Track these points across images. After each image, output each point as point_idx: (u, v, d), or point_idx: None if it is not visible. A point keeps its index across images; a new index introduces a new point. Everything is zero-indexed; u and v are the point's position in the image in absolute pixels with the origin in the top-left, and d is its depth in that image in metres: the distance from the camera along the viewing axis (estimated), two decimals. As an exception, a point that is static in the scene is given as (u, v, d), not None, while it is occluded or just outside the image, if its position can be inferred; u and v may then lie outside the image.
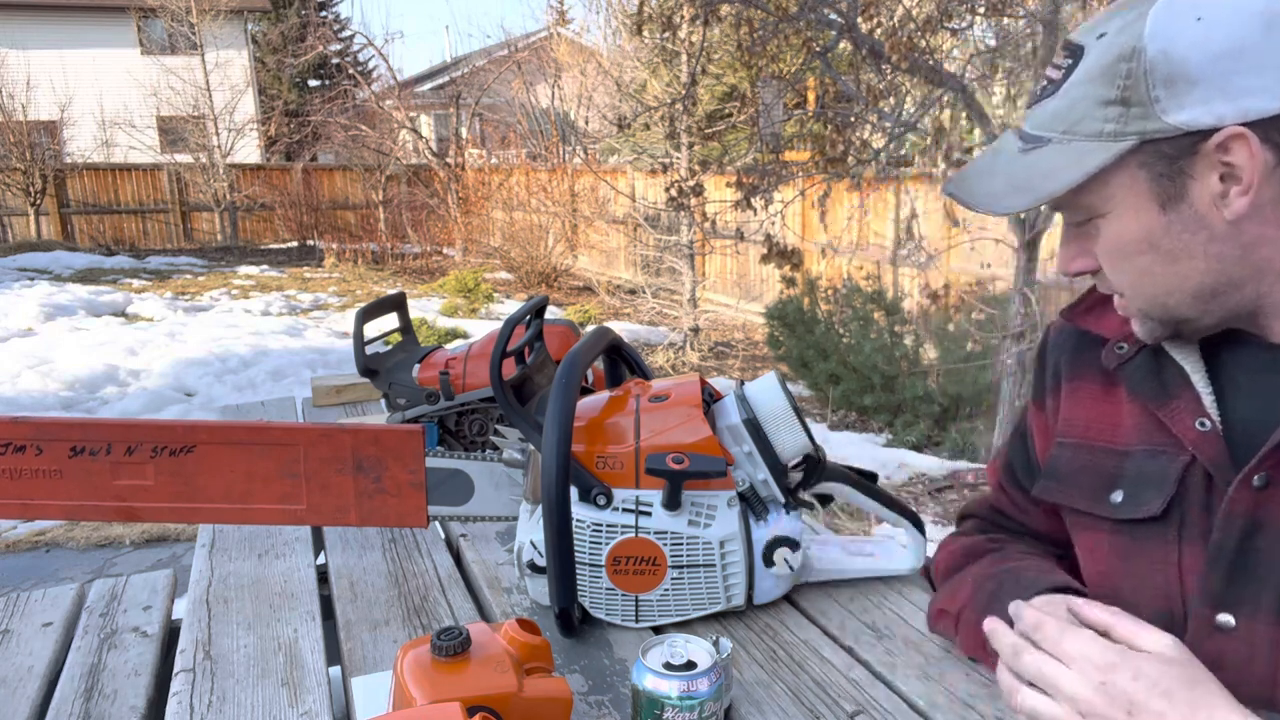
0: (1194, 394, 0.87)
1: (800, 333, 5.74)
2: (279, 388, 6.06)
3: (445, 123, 17.52)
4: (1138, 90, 0.74)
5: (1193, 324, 0.84)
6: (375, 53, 16.46)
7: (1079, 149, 0.78)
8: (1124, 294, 0.85)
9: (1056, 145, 0.79)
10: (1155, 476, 0.87)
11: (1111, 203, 0.79)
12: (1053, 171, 0.78)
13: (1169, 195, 0.77)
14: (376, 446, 1.24)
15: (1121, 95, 0.75)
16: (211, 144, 15.81)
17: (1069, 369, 0.99)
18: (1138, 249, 0.80)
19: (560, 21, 14.12)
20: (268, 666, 1.04)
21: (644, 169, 10.29)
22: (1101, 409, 0.95)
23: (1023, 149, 0.82)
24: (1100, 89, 0.76)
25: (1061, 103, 0.79)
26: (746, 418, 1.07)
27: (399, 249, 14.01)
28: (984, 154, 0.87)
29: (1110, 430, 0.94)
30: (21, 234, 14.55)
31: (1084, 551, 0.96)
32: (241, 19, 18.87)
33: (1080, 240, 0.85)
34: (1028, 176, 0.80)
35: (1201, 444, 0.85)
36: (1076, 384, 0.98)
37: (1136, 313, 0.85)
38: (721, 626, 1.09)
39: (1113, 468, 0.91)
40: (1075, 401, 0.98)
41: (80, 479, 1.21)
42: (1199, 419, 0.85)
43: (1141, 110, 0.74)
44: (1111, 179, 0.78)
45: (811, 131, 5.28)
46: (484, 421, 1.62)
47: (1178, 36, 0.73)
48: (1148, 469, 0.88)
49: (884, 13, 4.02)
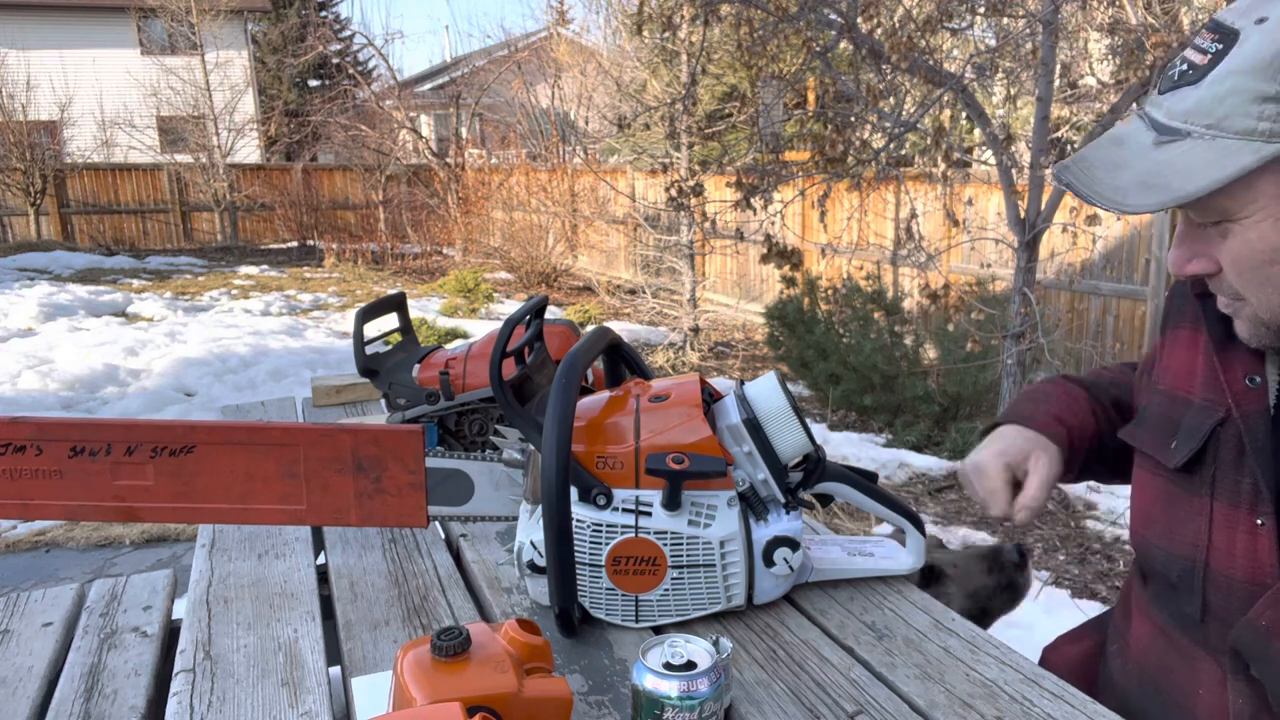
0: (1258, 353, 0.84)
1: (800, 333, 5.74)
2: (279, 388, 6.06)
3: (445, 123, 17.53)
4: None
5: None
6: (375, 53, 16.46)
7: (1224, 147, 0.71)
8: (1245, 299, 0.80)
9: (1197, 140, 0.72)
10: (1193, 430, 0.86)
11: (1251, 207, 0.73)
12: (1191, 171, 0.72)
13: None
14: (376, 446, 1.24)
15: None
16: (211, 144, 15.81)
17: (1175, 316, 0.97)
18: (1272, 258, 0.75)
19: (560, 21, 14.13)
20: (268, 666, 1.04)
21: (644, 169, 10.29)
22: (1186, 356, 0.94)
23: (1157, 141, 0.74)
24: (1259, 82, 0.69)
25: (1208, 93, 0.72)
26: (746, 418, 1.07)
27: (399, 249, 14.01)
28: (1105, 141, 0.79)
29: (1187, 379, 0.92)
30: (21, 234, 14.55)
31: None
32: (241, 19, 18.87)
33: (1200, 241, 0.79)
34: (1161, 173, 0.73)
35: (1244, 397, 0.83)
36: (1176, 330, 0.96)
37: (1250, 317, 0.81)
38: (721, 626, 1.09)
39: (1179, 416, 0.90)
40: (1172, 349, 0.96)
41: (80, 479, 1.21)
42: (1250, 375, 0.84)
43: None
44: (1257, 182, 0.72)
45: (811, 131, 5.29)
46: (484, 421, 1.62)
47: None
48: (1193, 422, 0.88)
49: (884, 13, 4.02)
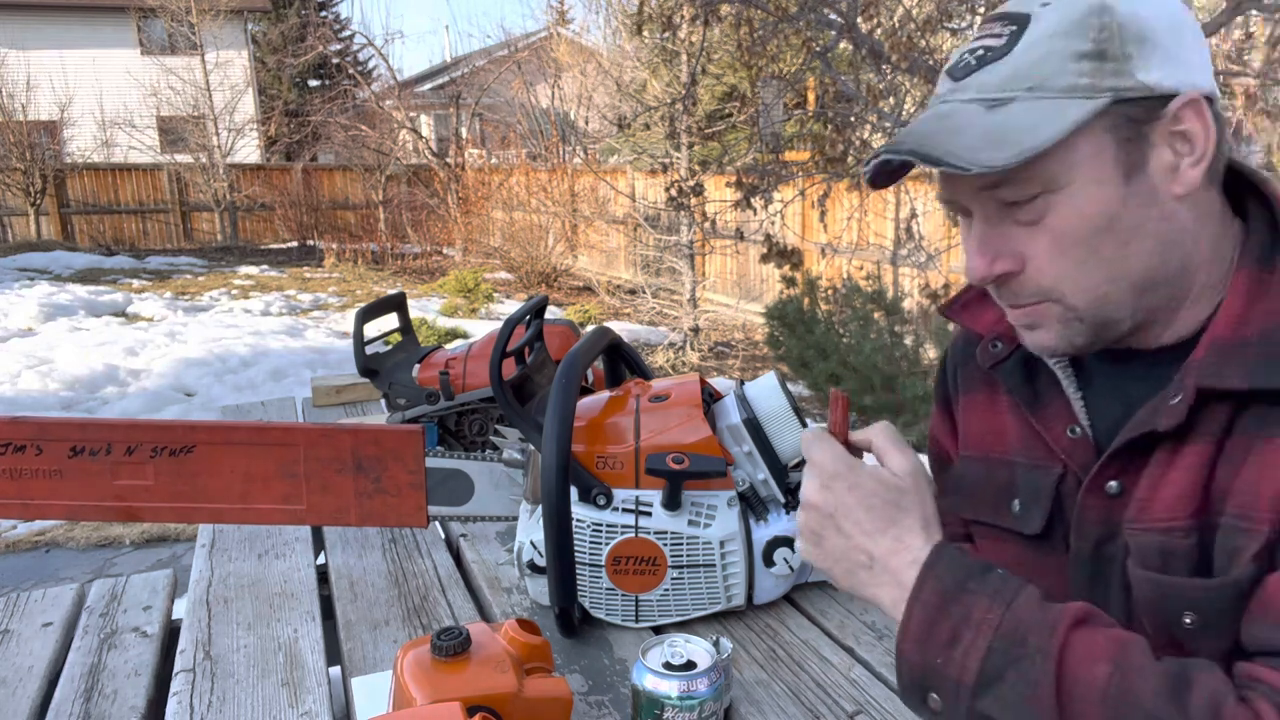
0: (1065, 399, 0.85)
1: (800, 333, 5.74)
2: (279, 388, 6.06)
3: (445, 123, 17.52)
4: (1112, 44, 0.71)
5: (1115, 327, 0.79)
6: (375, 53, 16.46)
7: (1052, 105, 0.72)
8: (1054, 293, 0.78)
9: (1024, 103, 0.73)
10: (1036, 491, 0.87)
11: (1074, 171, 0.74)
12: (1030, 126, 0.72)
13: (1133, 163, 0.73)
14: (376, 446, 1.24)
15: (1097, 49, 0.71)
16: (211, 144, 15.80)
17: (963, 382, 0.97)
18: (1095, 226, 0.74)
19: (560, 21, 14.13)
20: (268, 666, 1.04)
21: (644, 169, 10.29)
22: (987, 418, 0.94)
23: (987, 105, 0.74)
24: (1073, 42, 0.72)
25: (1023, 60, 0.73)
26: (746, 418, 1.07)
27: (399, 249, 14.00)
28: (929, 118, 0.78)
29: (998, 439, 0.92)
30: (21, 234, 14.55)
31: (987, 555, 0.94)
32: (241, 19, 18.87)
33: (1002, 238, 0.78)
34: (1004, 132, 0.72)
35: (1073, 451, 0.83)
36: (970, 396, 0.96)
37: (1060, 315, 0.79)
38: (721, 626, 1.09)
39: (1006, 478, 0.90)
40: (969, 415, 0.96)
41: (80, 479, 1.21)
42: (1070, 426, 0.84)
43: (1115, 65, 0.71)
44: (1078, 143, 0.72)
45: (811, 131, 5.29)
46: (484, 421, 1.62)
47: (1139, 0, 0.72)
48: (1031, 483, 0.87)
49: (884, 13, 4.02)
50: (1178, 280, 0.77)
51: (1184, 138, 0.73)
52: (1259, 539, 0.69)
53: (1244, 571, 0.69)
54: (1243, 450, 0.71)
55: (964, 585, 0.72)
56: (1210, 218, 0.77)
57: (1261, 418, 0.71)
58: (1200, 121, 0.72)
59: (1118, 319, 0.79)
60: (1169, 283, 0.77)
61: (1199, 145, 0.73)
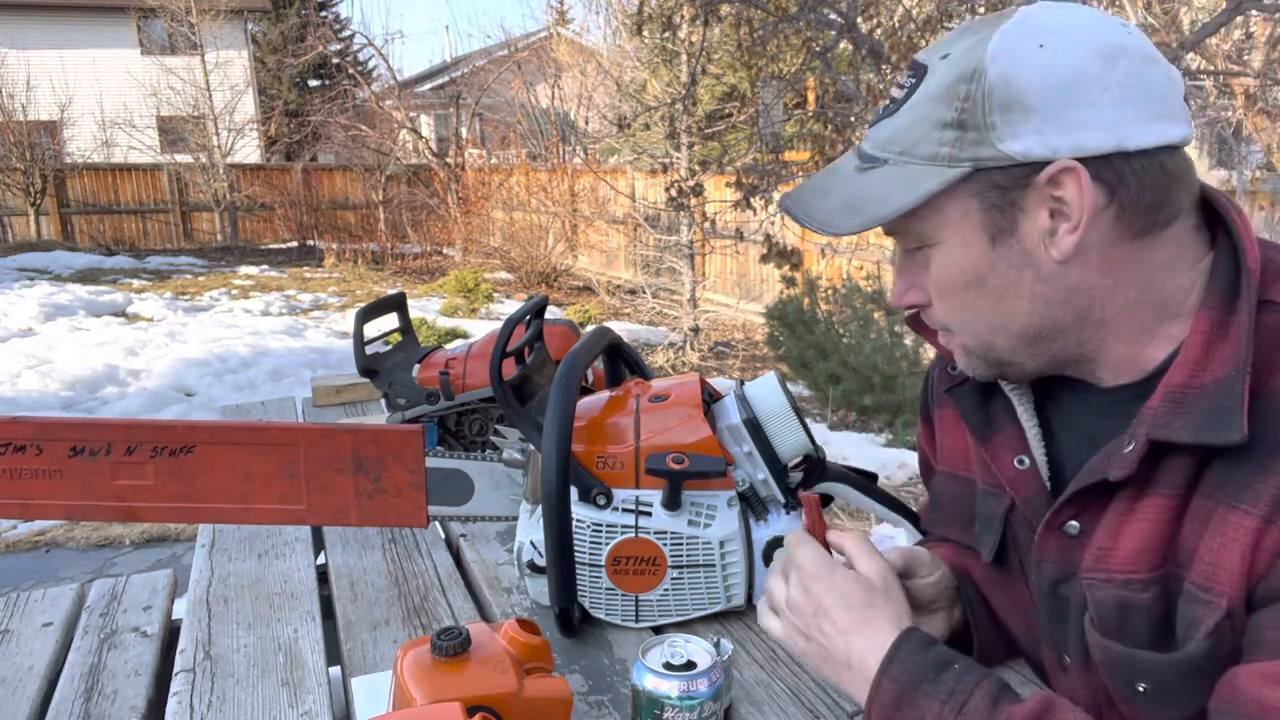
0: (1017, 429, 0.85)
1: (800, 333, 5.74)
2: (279, 388, 6.06)
3: (445, 123, 17.53)
4: (975, 114, 0.70)
5: (1018, 367, 0.81)
6: (375, 53, 16.46)
7: (913, 172, 0.73)
8: (951, 329, 0.81)
9: (892, 167, 0.75)
10: (990, 519, 0.87)
11: (943, 232, 0.75)
12: (886, 195, 0.74)
13: (999, 228, 0.73)
14: (376, 446, 1.24)
15: (959, 118, 0.71)
16: (211, 144, 15.80)
17: (935, 395, 0.98)
18: (965, 283, 0.76)
19: (560, 21, 14.14)
20: (268, 666, 1.04)
21: (644, 169, 10.29)
22: (956, 435, 0.94)
23: (859, 168, 0.77)
24: (939, 109, 0.72)
25: (901, 122, 0.75)
26: (746, 418, 1.07)
27: (399, 249, 14.00)
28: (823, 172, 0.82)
29: (964, 459, 0.93)
30: (21, 234, 14.55)
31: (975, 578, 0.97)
32: (241, 19, 18.87)
33: (913, 272, 0.81)
34: (861, 198, 0.76)
35: (1018, 483, 0.83)
36: (942, 410, 0.97)
37: (961, 349, 0.82)
38: (721, 626, 1.09)
39: (968, 499, 0.91)
40: (942, 429, 0.97)
41: (80, 479, 1.21)
42: (1018, 456, 0.84)
43: (977, 135, 0.70)
44: (945, 206, 0.74)
45: (811, 131, 5.28)
46: (484, 421, 1.62)
47: (1019, 61, 0.69)
48: (985, 508, 0.88)
49: (884, 13, 4.02)
50: (1082, 329, 0.76)
51: (1062, 203, 0.71)
52: (1217, 613, 0.68)
53: (1199, 646, 0.69)
54: (1205, 513, 0.70)
55: (919, 687, 0.74)
56: (1138, 267, 0.74)
57: (1225, 477, 0.69)
58: (1076, 188, 0.70)
59: (1014, 361, 0.80)
60: (1068, 332, 0.77)
61: (1074, 213, 0.71)
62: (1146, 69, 0.71)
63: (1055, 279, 0.74)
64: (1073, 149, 0.69)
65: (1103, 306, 0.75)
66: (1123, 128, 0.69)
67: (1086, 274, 0.73)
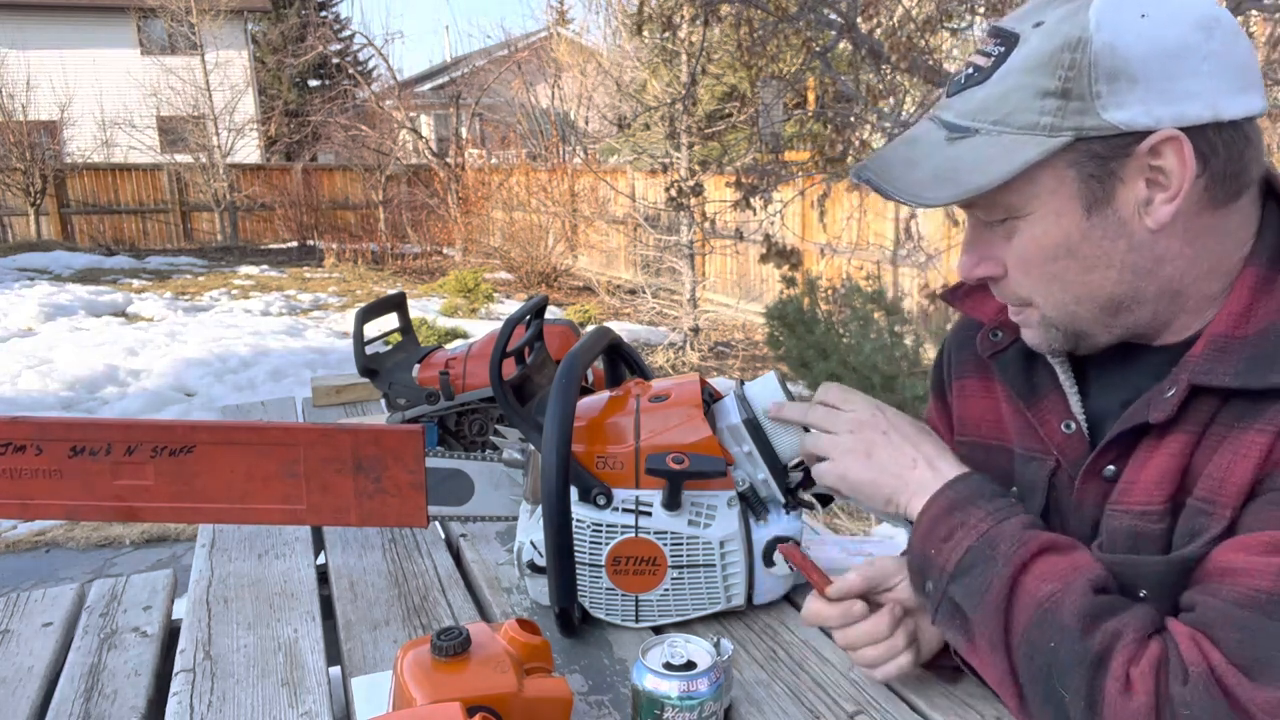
0: (1061, 394, 0.87)
1: (800, 333, 5.73)
2: (279, 388, 6.06)
3: (445, 123, 17.53)
4: (1080, 83, 0.70)
5: (1092, 339, 0.82)
6: (375, 53, 16.46)
7: (1010, 141, 0.73)
8: (1031, 301, 0.82)
9: (985, 136, 0.74)
10: (1031, 483, 0.89)
11: (1035, 202, 0.75)
12: (981, 164, 0.74)
13: (1096, 198, 0.74)
14: (376, 446, 1.24)
15: (1063, 87, 0.71)
16: (211, 144, 15.80)
17: (957, 367, 1.00)
18: (1056, 253, 0.77)
19: (560, 21, 14.14)
20: (268, 666, 1.04)
21: (644, 169, 10.28)
22: (985, 405, 0.96)
23: (949, 138, 0.76)
24: (1040, 79, 0.72)
25: (993, 91, 0.74)
26: (746, 418, 1.07)
27: (399, 249, 14.00)
28: (900, 141, 0.81)
29: (996, 426, 0.94)
30: (21, 234, 14.55)
31: None
32: (241, 19, 18.87)
33: (987, 244, 0.81)
34: (954, 168, 0.75)
35: (1066, 447, 0.85)
36: (963, 381, 0.98)
37: (1040, 321, 0.82)
38: (721, 626, 1.09)
39: (1006, 464, 0.92)
40: (964, 400, 0.98)
41: (80, 479, 1.21)
42: (1065, 421, 0.86)
43: (1081, 104, 0.71)
44: (1039, 176, 0.74)
45: (811, 131, 5.28)
46: (484, 421, 1.62)
47: (1124, 30, 0.70)
48: (1026, 473, 0.90)
49: (884, 13, 4.02)
50: (1160, 300, 0.78)
51: (1161, 173, 0.72)
52: (1220, 524, 0.72)
53: (1197, 551, 0.73)
54: (1218, 440, 0.73)
55: (973, 501, 0.82)
56: (1215, 236, 0.76)
57: (1242, 410, 0.73)
58: (1178, 158, 0.71)
59: (1092, 333, 0.81)
60: (1148, 303, 0.78)
61: (1174, 182, 0.72)
62: (1237, 40, 0.72)
63: (1146, 248, 0.75)
64: (1175, 119, 0.70)
65: (1182, 276, 0.77)
66: (1219, 98, 0.71)
67: (1173, 243, 0.75)
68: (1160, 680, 0.68)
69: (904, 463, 0.88)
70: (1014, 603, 0.76)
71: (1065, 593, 0.74)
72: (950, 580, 0.81)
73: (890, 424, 0.91)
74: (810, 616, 0.92)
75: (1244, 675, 0.66)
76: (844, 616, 0.90)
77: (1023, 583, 0.76)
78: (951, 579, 0.81)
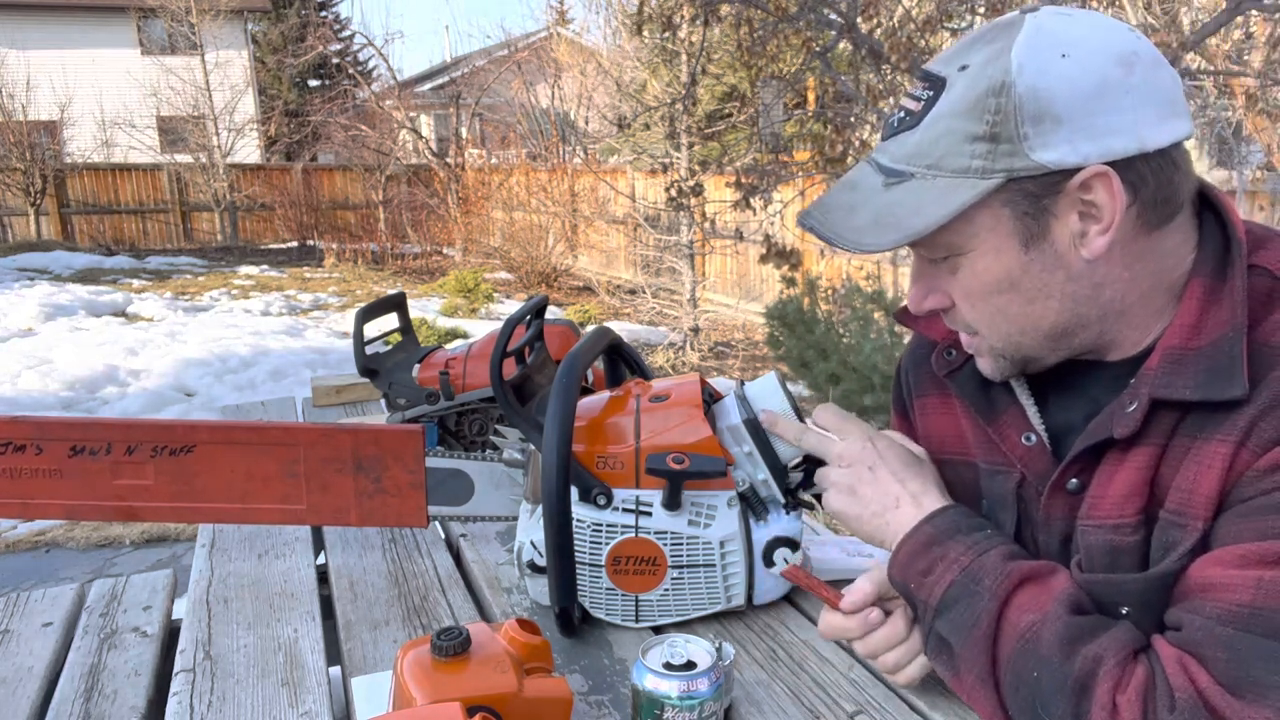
0: (1019, 408, 0.88)
1: (800, 333, 5.73)
2: (279, 388, 6.06)
3: (445, 123, 17.53)
4: (1006, 126, 0.72)
5: (1040, 362, 0.84)
6: (375, 53, 16.46)
7: (945, 185, 0.75)
8: (978, 332, 0.84)
9: (920, 180, 0.76)
10: (1001, 497, 0.90)
11: (974, 240, 0.77)
12: (918, 208, 0.75)
13: (1031, 234, 0.76)
14: (376, 446, 1.24)
15: (990, 131, 0.72)
16: (211, 144, 15.80)
17: (916, 385, 1.01)
18: (997, 288, 0.79)
19: (560, 21, 14.15)
20: (268, 666, 1.04)
21: (644, 169, 10.28)
22: (946, 421, 0.97)
23: (886, 183, 0.78)
24: (968, 124, 0.73)
25: (925, 136, 0.76)
26: (747, 418, 1.07)
27: (399, 249, 14.00)
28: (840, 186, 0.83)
29: (959, 441, 0.95)
30: (21, 234, 14.54)
31: None
32: (241, 19, 18.87)
33: (933, 278, 0.83)
34: (892, 213, 0.77)
35: (1029, 459, 0.86)
36: (924, 400, 1.00)
37: (988, 350, 0.85)
38: (721, 626, 1.09)
39: (972, 479, 0.93)
40: (925, 417, 0.99)
41: (80, 479, 1.21)
42: (1025, 434, 0.87)
43: (1010, 147, 0.72)
44: (975, 216, 0.75)
45: (811, 131, 5.28)
46: (484, 421, 1.62)
47: (1045, 72, 0.71)
48: (993, 487, 0.91)
49: (884, 13, 4.02)
50: (1104, 321, 0.80)
51: (1093, 206, 0.74)
52: (1193, 536, 0.73)
53: (1175, 565, 0.74)
54: (1183, 450, 0.75)
55: (952, 535, 0.83)
56: (1154, 257, 0.78)
57: (1202, 422, 0.74)
58: (1107, 192, 0.73)
59: (1039, 356, 0.83)
60: (1092, 325, 0.80)
61: (1106, 214, 0.74)
62: (1157, 71, 0.74)
63: (1085, 277, 0.77)
64: (1102, 154, 0.72)
65: (1123, 298, 0.78)
66: (1143, 130, 0.72)
67: (1111, 269, 0.77)
68: (1148, 707, 0.69)
69: (887, 502, 0.89)
70: (999, 636, 0.77)
71: (1043, 622, 0.75)
72: (935, 615, 0.82)
73: (879, 457, 0.91)
74: (830, 631, 0.93)
75: (1232, 696, 0.67)
76: (864, 626, 0.90)
77: (1006, 615, 0.77)
78: (937, 614, 0.82)
